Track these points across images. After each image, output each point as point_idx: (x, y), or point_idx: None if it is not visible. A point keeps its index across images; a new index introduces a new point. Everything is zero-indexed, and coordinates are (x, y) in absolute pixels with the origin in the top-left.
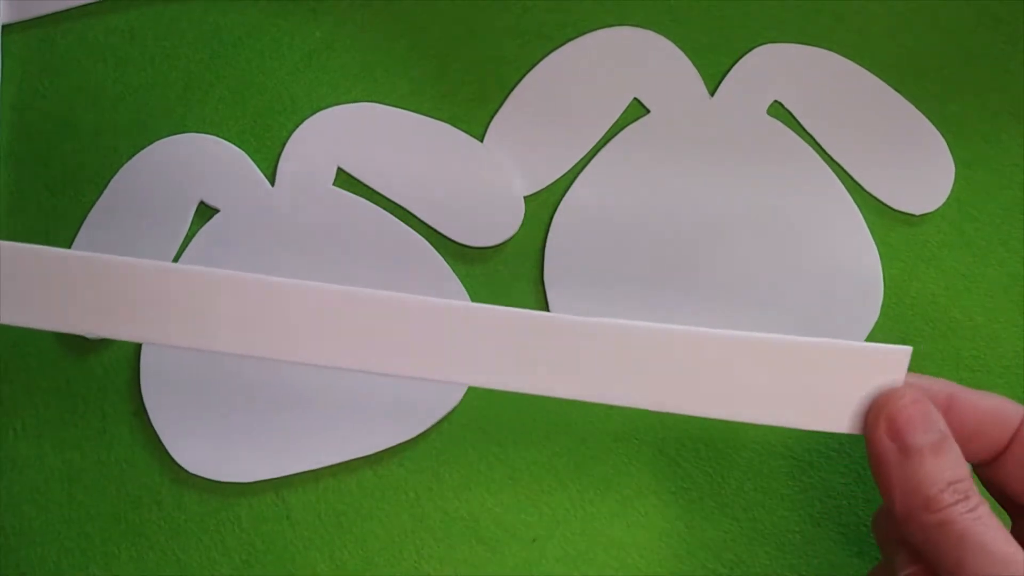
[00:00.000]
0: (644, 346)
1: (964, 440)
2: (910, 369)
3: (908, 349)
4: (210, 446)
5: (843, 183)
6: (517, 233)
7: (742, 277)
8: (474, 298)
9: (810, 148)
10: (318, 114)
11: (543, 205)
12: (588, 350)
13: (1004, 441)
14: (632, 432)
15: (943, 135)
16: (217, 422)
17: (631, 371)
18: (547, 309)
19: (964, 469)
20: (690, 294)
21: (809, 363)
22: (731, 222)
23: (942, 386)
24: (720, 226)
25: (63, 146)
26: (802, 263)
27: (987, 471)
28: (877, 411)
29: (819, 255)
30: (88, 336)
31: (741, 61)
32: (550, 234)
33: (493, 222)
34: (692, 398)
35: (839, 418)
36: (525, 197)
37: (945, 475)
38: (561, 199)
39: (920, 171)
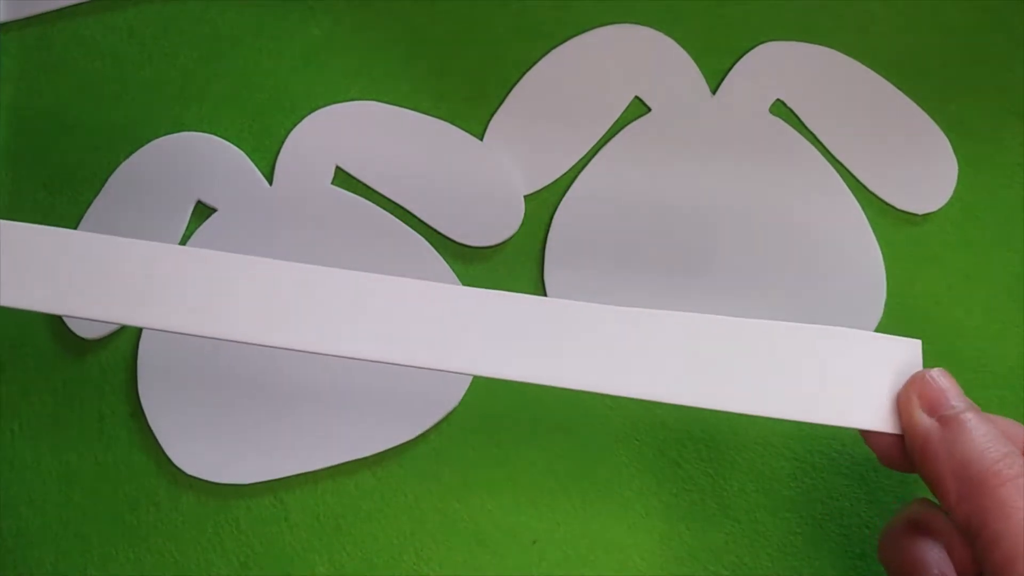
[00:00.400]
0: (649, 333)
1: None
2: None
3: (917, 342)
4: (208, 448)
5: (846, 182)
6: (517, 233)
7: (744, 276)
8: None
9: (812, 147)
10: (316, 112)
11: (543, 205)
12: (590, 338)
13: None
14: (633, 433)
15: (946, 134)
16: (215, 424)
17: (641, 360)
18: None
19: (1009, 444)
20: (692, 293)
21: (819, 354)
22: (733, 221)
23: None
24: (722, 225)
25: (61, 145)
26: (805, 262)
27: None
28: (907, 394)
29: (822, 254)
30: (85, 335)
31: (743, 59)
32: (550, 234)
33: (493, 222)
34: (702, 389)
35: (863, 414)
36: (525, 197)
37: (999, 445)
38: (561, 199)
39: (923, 170)
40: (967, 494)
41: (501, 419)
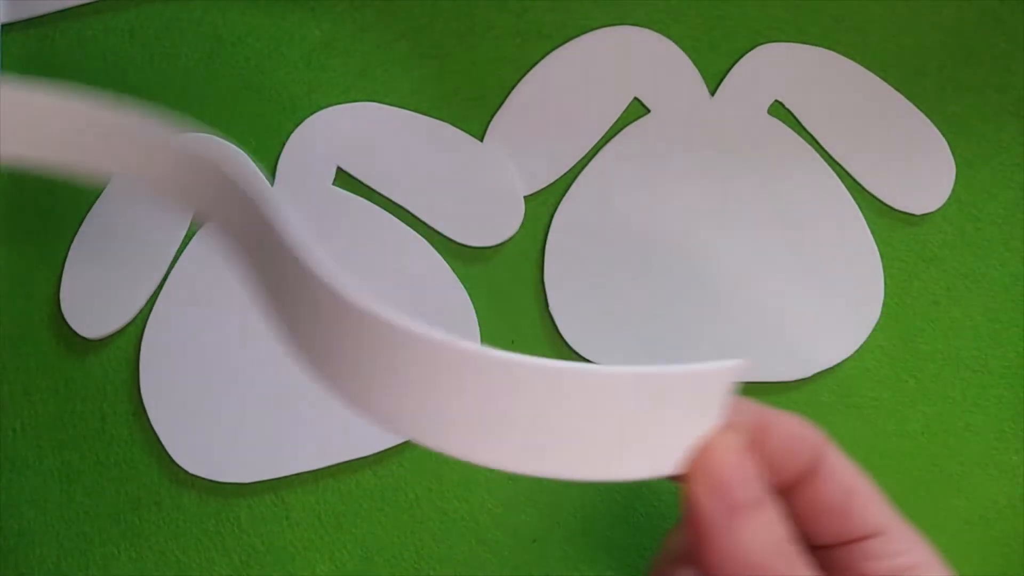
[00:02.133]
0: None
1: (774, 469)
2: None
3: (732, 366)
4: (209, 446)
5: (844, 183)
6: (517, 233)
7: (742, 277)
8: (474, 298)
9: (810, 148)
10: (318, 114)
11: (543, 205)
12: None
13: (810, 466)
14: None
15: (944, 135)
16: (216, 422)
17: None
18: (547, 309)
19: (788, 530)
20: (689, 294)
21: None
22: (731, 222)
23: (754, 411)
24: (720, 226)
25: None
26: (802, 263)
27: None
28: (698, 462)
29: (819, 255)
30: (87, 334)
31: (741, 61)
32: (550, 234)
33: (493, 222)
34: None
35: (642, 459)
36: (525, 197)
37: (775, 535)
38: (561, 199)
39: (921, 171)
40: None
41: None
